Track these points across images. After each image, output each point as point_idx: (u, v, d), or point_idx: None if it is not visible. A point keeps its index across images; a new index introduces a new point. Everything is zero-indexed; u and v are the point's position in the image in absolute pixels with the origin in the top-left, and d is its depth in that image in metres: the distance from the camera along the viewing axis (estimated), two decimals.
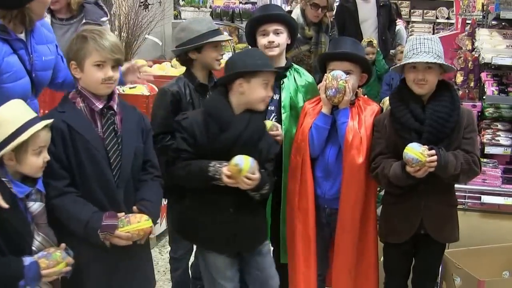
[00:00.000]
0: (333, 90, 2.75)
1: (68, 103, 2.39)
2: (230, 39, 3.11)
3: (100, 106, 2.37)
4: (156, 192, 2.54)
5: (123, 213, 2.36)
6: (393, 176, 2.69)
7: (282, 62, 3.07)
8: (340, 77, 2.75)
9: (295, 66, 3.15)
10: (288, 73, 3.06)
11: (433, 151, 2.60)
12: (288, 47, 3.12)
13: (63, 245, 2.29)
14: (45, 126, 2.22)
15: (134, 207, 2.41)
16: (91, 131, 2.35)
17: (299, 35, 4.41)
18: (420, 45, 2.71)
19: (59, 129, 2.30)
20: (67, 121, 2.32)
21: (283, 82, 3.03)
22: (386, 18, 6.93)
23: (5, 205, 2.14)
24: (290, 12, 4.78)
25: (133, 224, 2.34)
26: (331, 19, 5.13)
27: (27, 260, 2.18)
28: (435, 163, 2.60)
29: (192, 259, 3.35)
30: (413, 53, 2.72)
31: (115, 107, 2.42)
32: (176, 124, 2.70)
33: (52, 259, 2.24)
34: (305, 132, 2.87)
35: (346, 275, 2.90)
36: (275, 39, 2.98)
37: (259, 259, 2.81)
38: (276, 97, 2.99)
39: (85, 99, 2.37)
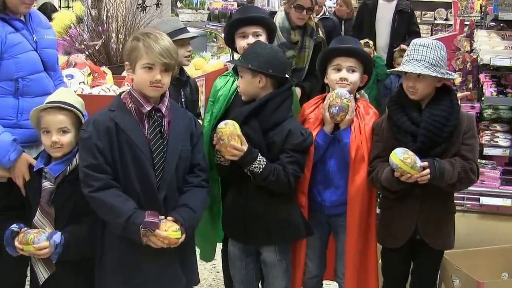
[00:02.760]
0: (337, 108, 2.72)
1: (120, 102, 2.44)
2: (196, 36, 3.22)
3: (148, 108, 2.42)
4: (200, 200, 2.55)
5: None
6: (385, 180, 2.68)
7: None
8: (344, 95, 2.73)
9: None
10: None
11: (426, 164, 2.58)
12: None
13: (47, 232, 2.45)
14: (44, 110, 2.50)
15: (169, 217, 2.42)
16: (138, 132, 2.40)
17: (284, 39, 4.32)
18: (414, 52, 2.68)
19: (106, 126, 2.37)
20: (115, 120, 2.38)
21: None
22: (404, 25, 6.79)
23: (27, 176, 2.57)
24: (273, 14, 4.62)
25: (160, 231, 2.37)
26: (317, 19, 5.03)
27: (12, 226, 2.47)
28: (428, 176, 2.58)
29: None
30: (406, 60, 2.69)
31: (163, 109, 2.45)
32: None
33: (25, 237, 2.44)
34: None
35: (357, 280, 2.89)
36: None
37: (263, 266, 2.88)
38: None
39: (135, 101, 2.42)
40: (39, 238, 2.42)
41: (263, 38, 3.03)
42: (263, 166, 2.60)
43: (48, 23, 3.04)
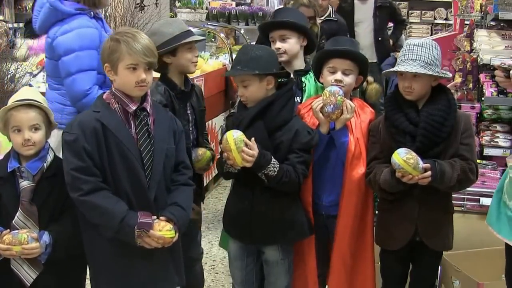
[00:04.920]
0: (332, 106, 2.68)
1: (103, 103, 2.42)
2: (203, 39, 3.12)
3: (134, 108, 2.40)
4: (188, 198, 2.55)
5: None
6: (383, 182, 2.66)
7: (300, 65, 3.07)
8: (338, 92, 2.70)
9: None
10: (308, 76, 3.06)
11: (428, 165, 2.57)
12: (309, 49, 3.11)
13: (38, 233, 2.39)
14: (14, 109, 2.42)
15: (162, 217, 2.40)
16: (125, 132, 2.38)
17: None
18: (409, 52, 2.66)
19: (93, 127, 2.34)
20: (102, 120, 2.35)
21: (305, 84, 3.04)
22: (384, 19, 6.88)
23: None
24: None
25: (155, 232, 2.35)
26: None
27: None
28: (429, 178, 2.57)
29: None
30: (401, 60, 2.68)
31: (148, 108, 2.44)
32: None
33: (17, 238, 2.36)
34: None
35: (344, 280, 2.88)
36: (281, 46, 2.98)
37: (265, 265, 2.87)
38: (297, 99, 3.00)
39: (119, 101, 2.40)
40: (31, 240, 2.37)
41: (292, 41, 2.99)
42: (277, 168, 2.60)
43: (107, 26, 3.43)
